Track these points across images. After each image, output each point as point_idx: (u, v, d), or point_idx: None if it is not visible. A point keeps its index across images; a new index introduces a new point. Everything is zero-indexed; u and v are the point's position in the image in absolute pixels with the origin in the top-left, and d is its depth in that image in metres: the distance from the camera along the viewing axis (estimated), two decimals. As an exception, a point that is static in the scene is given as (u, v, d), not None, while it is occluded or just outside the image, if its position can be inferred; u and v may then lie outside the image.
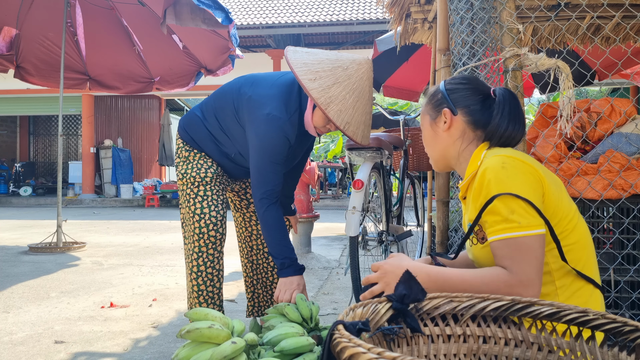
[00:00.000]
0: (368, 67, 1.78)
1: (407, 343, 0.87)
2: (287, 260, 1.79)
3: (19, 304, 2.89)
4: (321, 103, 1.68)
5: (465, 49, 1.89)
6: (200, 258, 1.89)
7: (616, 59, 3.56)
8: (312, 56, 1.76)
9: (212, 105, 1.97)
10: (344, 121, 1.72)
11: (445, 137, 1.25)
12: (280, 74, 1.92)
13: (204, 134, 1.97)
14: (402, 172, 3.24)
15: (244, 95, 1.86)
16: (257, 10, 12.33)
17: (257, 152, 1.79)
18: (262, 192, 1.80)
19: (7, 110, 13.81)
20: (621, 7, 2.04)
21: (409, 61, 5.26)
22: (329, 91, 1.69)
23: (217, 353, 1.41)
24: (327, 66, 1.72)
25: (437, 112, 1.26)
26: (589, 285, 1.09)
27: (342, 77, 1.72)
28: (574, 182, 1.90)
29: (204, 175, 1.94)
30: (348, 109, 1.73)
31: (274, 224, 1.79)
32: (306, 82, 1.68)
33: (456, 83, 1.26)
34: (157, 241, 5.61)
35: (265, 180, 1.79)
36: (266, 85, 1.85)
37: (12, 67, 5.44)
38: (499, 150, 1.16)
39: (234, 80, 1.97)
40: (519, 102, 1.23)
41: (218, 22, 4.03)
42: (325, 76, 1.70)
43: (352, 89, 1.73)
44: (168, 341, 2.26)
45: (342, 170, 13.31)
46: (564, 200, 1.11)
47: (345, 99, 1.71)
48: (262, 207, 1.80)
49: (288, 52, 1.78)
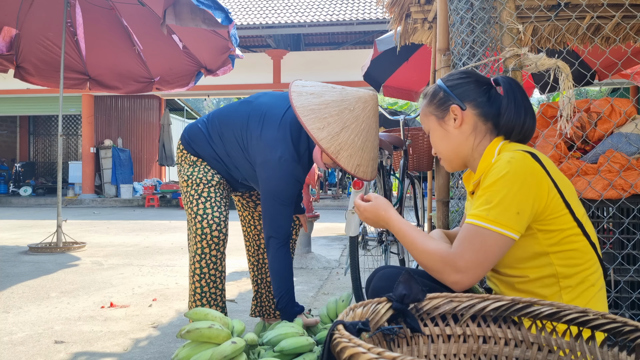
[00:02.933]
0: (374, 104, 1.78)
1: (407, 343, 0.87)
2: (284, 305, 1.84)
3: (19, 304, 2.89)
4: (331, 152, 1.70)
5: (465, 49, 1.89)
6: (203, 260, 1.89)
7: (616, 59, 3.56)
8: (317, 98, 1.75)
9: (217, 129, 1.97)
10: (354, 164, 1.75)
11: (457, 135, 1.21)
12: (285, 105, 1.90)
13: (210, 153, 1.98)
14: (402, 172, 3.24)
15: (253, 133, 1.87)
16: (257, 10, 12.33)
17: (269, 195, 1.83)
18: (273, 232, 1.84)
19: (7, 110, 13.81)
20: (621, 7, 2.04)
21: (409, 61, 5.27)
22: (338, 138, 1.70)
23: (217, 353, 1.41)
24: (333, 110, 1.72)
25: (444, 110, 1.23)
26: (593, 287, 1.07)
27: (349, 121, 1.72)
28: (574, 182, 1.90)
29: (210, 178, 1.96)
30: (357, 152, 1.74)
31: (279, 268, 1.84)
32: (315, 132, 1.69)
33: (456, 78, 1.24)
34: (157, 241, 5.61)
35: (276, 223, 1.84)
36: (274, 125, 1.84)
37: (12, 67, 5.44)
38: (514, 146, 1.14)
39: (239, 108, 1.96)
40: (522, 89, 1.21)
41: (218, 22, 4.03)
42: (333, 122, 1.70)
43: (360, 130, 1.73)
44: (168, 341, 2.26)
45: (342, 170, 13.30)
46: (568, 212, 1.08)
47: (354, 142, 1.72)
48: (272, 248, 1.85)
49: (293, 94, 1.77)
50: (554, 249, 1.06)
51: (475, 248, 1.02)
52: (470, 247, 1.02)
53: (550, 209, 1.05)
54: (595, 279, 1.08)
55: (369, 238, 2.82)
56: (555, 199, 1.06)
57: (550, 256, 1.07)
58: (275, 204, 1.82)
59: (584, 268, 1.07)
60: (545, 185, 1.05)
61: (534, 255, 1.08)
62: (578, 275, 1.06)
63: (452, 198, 2.12)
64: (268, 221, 1.85)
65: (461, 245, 1.04)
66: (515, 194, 1.03)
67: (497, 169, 1.06)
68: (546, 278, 1.07)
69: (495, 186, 1.04)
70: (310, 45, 13.97)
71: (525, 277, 1.10)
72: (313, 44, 14.03)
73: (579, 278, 1.06)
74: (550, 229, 1.06)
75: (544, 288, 1.08)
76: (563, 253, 1.06)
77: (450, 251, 1.05)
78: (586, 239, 1.08)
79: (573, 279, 1.06)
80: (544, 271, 1.07)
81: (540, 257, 1.07)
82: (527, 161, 1.06)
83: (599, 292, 1.09)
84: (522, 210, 1.02)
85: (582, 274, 1.06)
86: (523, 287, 1.10)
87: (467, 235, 1.04)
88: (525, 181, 1.04)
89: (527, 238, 1.08)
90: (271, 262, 1.85)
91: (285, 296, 1.83)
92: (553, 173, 1.08)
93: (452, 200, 2.11)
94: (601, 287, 1.10)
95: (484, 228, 1.02)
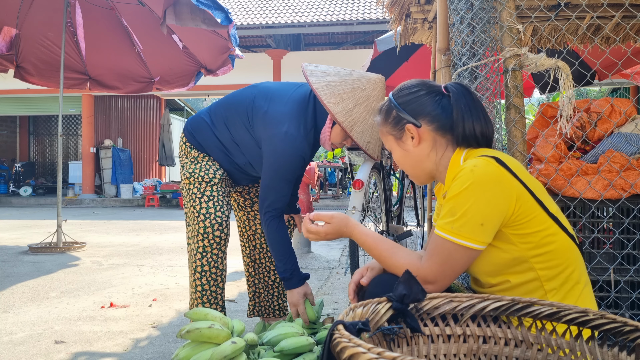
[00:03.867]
0: (382, 86, 1.84)
1: (407, 343, 0.87)
2: (288, 274, 1.82)
3: (19, 304, 2.89)
4: (346, 126, 1.73)
5: (465, 49, 1.89)
6: (205, 258, 1.89)
7: (616, 59, 3.56)
8: (331, 77, 1.79)
9: (222, 115, 1.96)
10: (365, 141, 1.79)
11: (417, 153, 1.19)
12: (292, 86, 1.92)
13: (213, 141, 1.97)
14: (402, 172, 3.24)
15: (259, 109, 1.86)
16: (257, 10, 12.33)
17: (272, 168, 1.81)
18: (268, 205, 1.82)
19: (7, 110, 13.80)
20: (621, 7, 2.03)
21: (409, 61, 5.27)
22: (352, 114, 1.75)
23: (217, 353, 1.41)
24: (347, 87, 1.77)
25: (400, 130, 1.19)
26: (577, 287, 1.07)
27: (361, 99, 1.77)
28: (574, 182, 1.90)
29: (212, 176, 1.94)
30: (368, 129, 1.79)
31: (276, 237, 1.82)
32: (331, 106, 1.71)
33: (407, 94, 1.20)
34: (157, 241, 5.61)
35: (274, 196, 1.82)
36: (282, 101, 1.85)
37: (12, 67, 5.44)
38: (478, 152, 1.13)
39: (245, 91, 1.96)
40: (473, 94, 1.18)
41: (217, 22, 4.03)
42: (347, 98, 1.75)
43: (371, 108, 1.78)
44: (168, 341, 2.26)
45: (342, 170, 13.30)
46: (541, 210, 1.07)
47: (365, 119, 1.77)
48: (266, 220, 1.83)
49: (307, 72, 1.78)
50: (532, 253, 1.05)
51: (442, 261, 1.06)
52: (437, 260, 1.06)
53: (521, 212, 1.04)
54: (578, 276, 1.08)
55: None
56: (526, 201, 1.04)
57: (530, 261, 1.05)
58: (275, 178, 1.80)
59: (565, 267, 1.06)
60: (513, 190, 1.04)
61: (514, 261, 1.07)
62: (560, 275, 1.06)
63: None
64: (266, 192, 1.82)
65: (430, 259, 1.07)
66: (479, 205, 1.02)
67: (461, 179, 1.05)
68: (529, 283, 1.07)
69: (460, 197, 1.04)
70: (310, 45, 13.97)
71: (507, 283, 1.09)
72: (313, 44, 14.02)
73: (562, 278, 1.06)
74: (525, 232, 1.05)
75: (529, 294, 1.07)
76: (542, 256, 1.05)
77: (420, 265, 1.08)
78: (564, 233, 1.08)
79: (556, 280, 1.06)
80: (526, 276, 1.07)
81: (521, 263, 1.07)
82: (491, 167, 1.04)
83: (585, 289, 1.08)
84: (486, 221, 1.02)
85: (564, 274, 1.06)
86: (509, 294, 1.09)
87: (434, 248, 1.07)
88: (489, 190, 1.02)
89: (503, 244, 1.07)
90: (268, 235, 1.83)
91: (288, 264, 1.81)
92: (520, 174, 1.07)
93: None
94: (585, 283, 1.09)
95: (448, 241, 1.05)
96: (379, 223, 2.94)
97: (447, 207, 1.07)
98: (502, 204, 1.03)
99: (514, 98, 1.67)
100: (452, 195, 1.06)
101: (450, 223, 1.05)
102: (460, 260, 1.05)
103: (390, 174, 3.17)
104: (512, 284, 1.08)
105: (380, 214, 2.95)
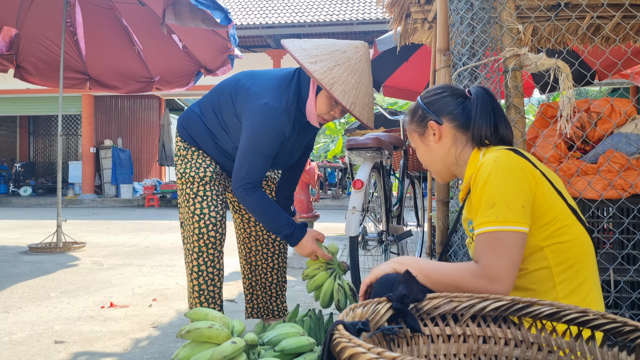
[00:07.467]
0: (365, 50, 1.79)
1: (407, 343, 0.87)
2: (288, 230, 1.79)
3: (19, 304, 2.88)
4: (325, 84, 1.65)
5: (465, 49, 1.89)
6: (201, 258, 1.89)
7: (616, 59, 3.56)
8: (309, 43, 1.78)
9: (210, 101, 1.97)
10: (349, 102, 1.70)
11: (438, 149, 1.28)
12: (279, 69, 1.92)
13: (202, 130, 1.95)
14: (402, 172, 3.24)
15: (242, 87, 1.85)
16: (257, 10, 12.33)
17: (247, 140, 1.76)
18: (243, 176, 1.76)
19: (7, 110, 13.81)
20: (621, 7, 2.04)
21: (409, 61, 5.27)
22: (331, 72, 1.69)
23: (217, 353, 1.40)
24: (325, 50, 1.73)
25: (424, 127, 1.30)
26: (588, 281, 1.08)
27: (342, 60, 1.73)
28: (574, 182, 1.90)
29: (203, 174, 1.93)
30: (352, 90, 1.72)
31: (258, 204, 1.77)
32: (308, 65, 1.67)
33: (432, 95, 1.30)
34: (157, 241, 5.61)
35: (248, 170, 1.75)
36: (265, 78, 1.84)
37: (12, 67, 5.44)
38: (497, 148, 1.18)
39: (233, 76, 1.97)
40: (493, 98, 1.25)
41: (217, 22, 4.03)
42: (325, 59, 1.71)
43: (353, 70, 1.73)
44: (168, 341, 2.25)
45: (342, 170, 13.31)
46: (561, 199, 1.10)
47: (347, 80, 1.71)
48: (243, 192, 1.76)
49: (285, 41, 1.79)
50: (546, 242, 1.07)
51: (500, 254, 1.01)
52: (494, 255, 1.01)
53: (541, 199, 1.07)
54: (589, 271, 1.09)
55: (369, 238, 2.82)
56: (547, 190, 1.08)
57: (545, 250, 1.07)
58: (252, 148, 1.75)
59: (578, 260, 1.07)
60: (534, 176, 1.08)
61: (528, 250, 1.09)
62: (571, 268, 1.07)
63: (452, 198, 2.12)
64: (239, 166, 1.76)
65: (484, 256, 1.03)
66: (513, 189, 1.05)
67: (484, 169, 1.09)
68: (541, 271, 1.08)
69: (489, 186, 1.06)
70: (310, 45, 13.95)
71: (525, 270, 1.10)
72: (313, 44, 14.01)
73: (573, 271, 1.07)
74: (542, 222, 1.07)
75: (539, 283, 1.08)
76: (555, 246, 1.07)
77: (477, 266, 1.03)
78: (580, 225, 1.10)
79: (567, 272, 1.07)
80: (539, 264, 1.08)
81: (536, 252, 1.08)
82: (512, 157, 1.09)
83: (594, 289, 1.09)
84: (525, 203, 1.05)
85: (575, 267, 1.07)
86: (518, 282, 1.11)
87: (486, 245, 1.03)
88: (516, 176, 1.06)
89: None
90: (251, 207, 1.77)
91: (282, 222, 1.78)
92: (539, 165, 1.11)
93: (452, 200, 2.11)
94: (595, 282, 1.10)
95: (499, 232, 1.03)
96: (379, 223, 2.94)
97: (480, 201, 1.07)
98: (530, 188, 1.07)
99: (514, 98, 1.67)
100: (480, 187, 1.08)
101: (494, 214, 1.04)
102: (517, 247, 1.02)
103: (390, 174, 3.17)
104: (528, 270, 1.09)
105: (380, 214, 2.95)
